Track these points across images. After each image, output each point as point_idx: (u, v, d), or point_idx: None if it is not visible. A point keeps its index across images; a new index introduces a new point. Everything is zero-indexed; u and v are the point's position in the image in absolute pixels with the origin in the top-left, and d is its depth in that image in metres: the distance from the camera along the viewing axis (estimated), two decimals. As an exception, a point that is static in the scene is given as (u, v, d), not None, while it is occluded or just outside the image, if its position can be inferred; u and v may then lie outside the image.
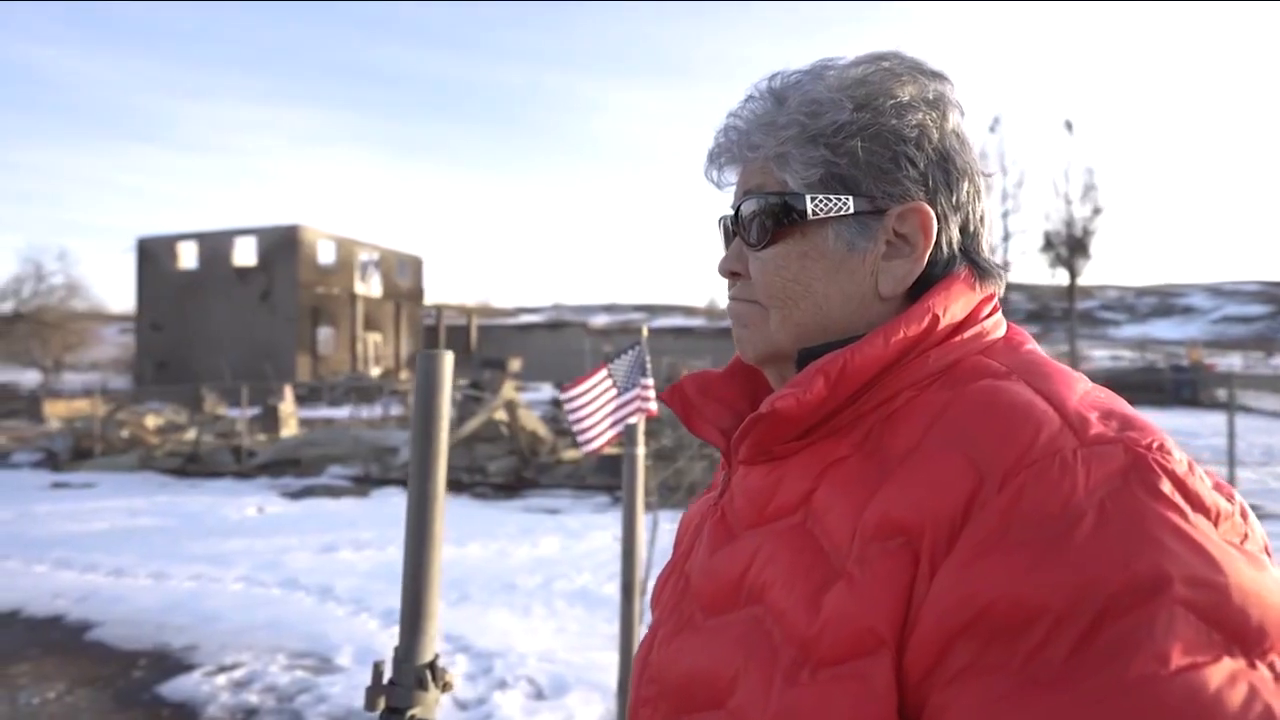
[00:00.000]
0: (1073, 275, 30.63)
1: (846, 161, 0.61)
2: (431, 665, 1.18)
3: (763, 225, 0.63)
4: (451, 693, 3.78)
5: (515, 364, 37.44)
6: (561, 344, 41.11)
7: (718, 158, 0.67)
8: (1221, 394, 20.88)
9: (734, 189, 0.68)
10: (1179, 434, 14.74)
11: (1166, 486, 0.47)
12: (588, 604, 5.12)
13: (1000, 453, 0.49)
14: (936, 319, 0.59)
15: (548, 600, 5.23)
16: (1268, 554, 0.48)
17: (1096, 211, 30.16)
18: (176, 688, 3.98)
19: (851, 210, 0.61)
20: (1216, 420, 14.93)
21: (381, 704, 1.14)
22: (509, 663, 4.12)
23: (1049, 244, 30.42)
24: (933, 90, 0.63)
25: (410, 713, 1.15)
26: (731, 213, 0.67)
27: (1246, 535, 0.48)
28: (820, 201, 0.61)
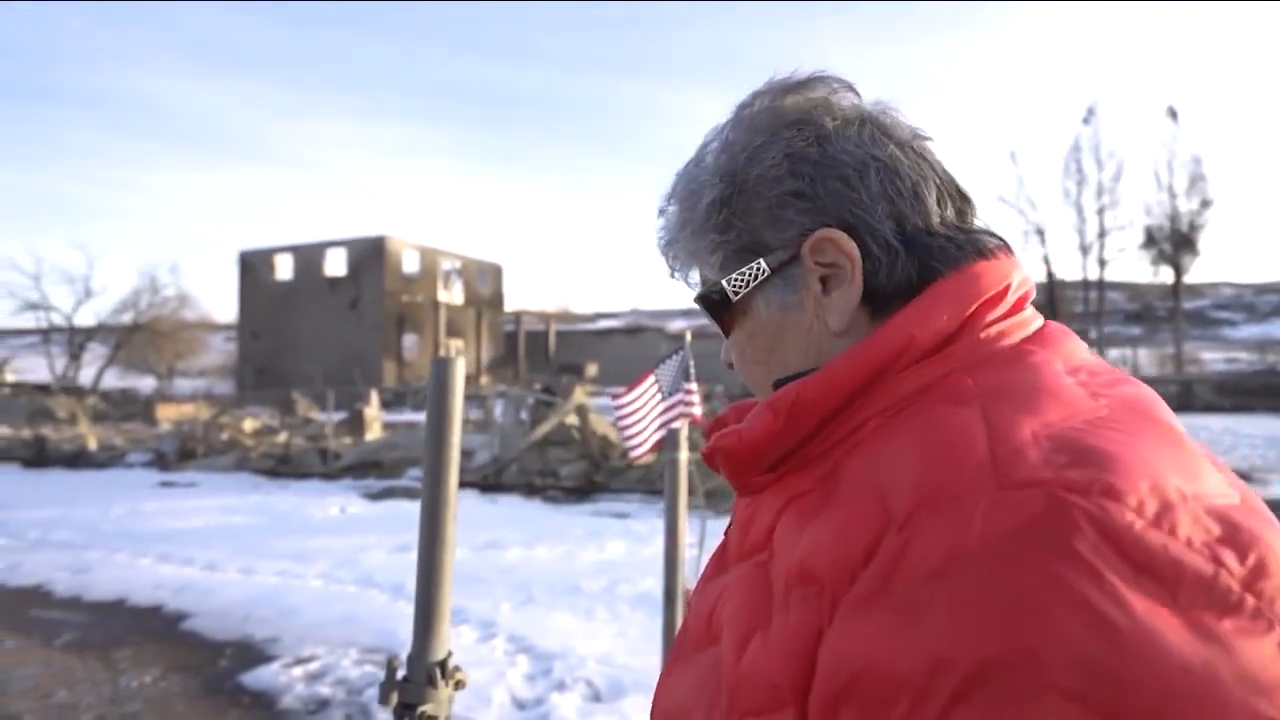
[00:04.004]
0: (1178, 273, 28.74)
1: (736, 233, 0.58)
2: (443, 663, 1.21)
3: (713, 318, 0.62)
4: (511, 692, 3.87)
5: (592, 369, 37.90)
6: (639, 349, 41.37)
7: (667, 267, 0.66)
8: (1351, 399, 19.17)
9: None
10: (1300, 442, 13.57)
11: (1085, 543, 0.38)
12: (650, 608, 5.12)
13: (908, 494, 0.44)
14: (911, 339, 0.52)
15: (611, 604, 5.27)
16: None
17: (1205, 204, 28.24)
18: (257, 677, 4.20)
19: (767, 270, 0.58)
20: (1343, 428, 13.68)
21: (394, 700, 1.18)
22: (569, 664, 4.16)
23: (1151, 240, 28.65)
24: (792, 108, 0.59)
25: (421, 709, 1.18)
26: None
27: (1241, 602, 0.38)
28: (734, 280, 0.58)
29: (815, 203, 0.56)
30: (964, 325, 0.53)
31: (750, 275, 0.58)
